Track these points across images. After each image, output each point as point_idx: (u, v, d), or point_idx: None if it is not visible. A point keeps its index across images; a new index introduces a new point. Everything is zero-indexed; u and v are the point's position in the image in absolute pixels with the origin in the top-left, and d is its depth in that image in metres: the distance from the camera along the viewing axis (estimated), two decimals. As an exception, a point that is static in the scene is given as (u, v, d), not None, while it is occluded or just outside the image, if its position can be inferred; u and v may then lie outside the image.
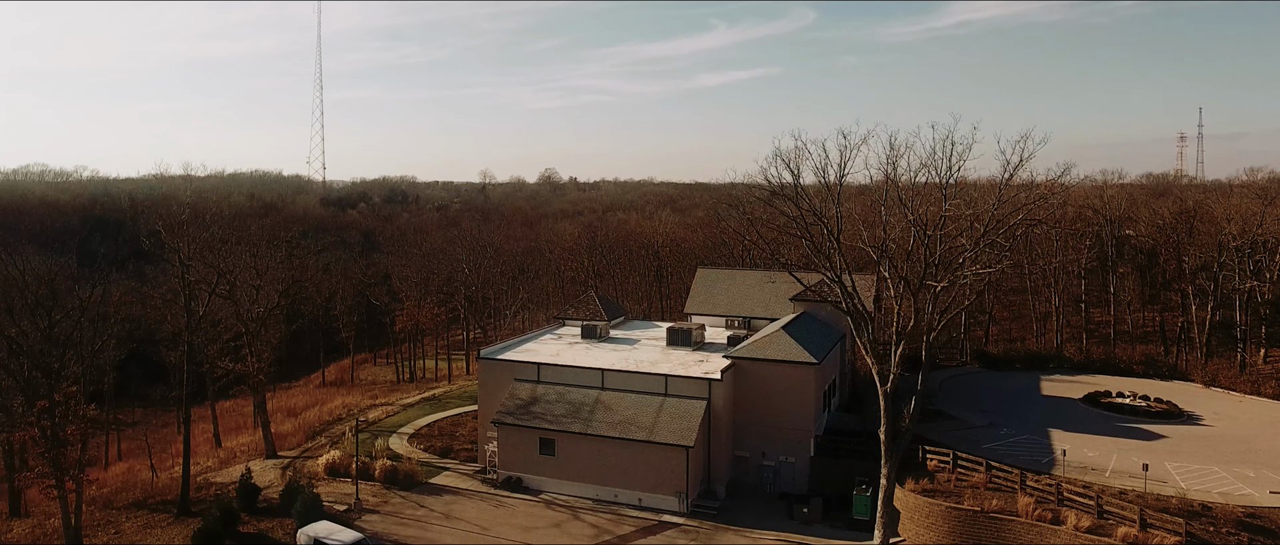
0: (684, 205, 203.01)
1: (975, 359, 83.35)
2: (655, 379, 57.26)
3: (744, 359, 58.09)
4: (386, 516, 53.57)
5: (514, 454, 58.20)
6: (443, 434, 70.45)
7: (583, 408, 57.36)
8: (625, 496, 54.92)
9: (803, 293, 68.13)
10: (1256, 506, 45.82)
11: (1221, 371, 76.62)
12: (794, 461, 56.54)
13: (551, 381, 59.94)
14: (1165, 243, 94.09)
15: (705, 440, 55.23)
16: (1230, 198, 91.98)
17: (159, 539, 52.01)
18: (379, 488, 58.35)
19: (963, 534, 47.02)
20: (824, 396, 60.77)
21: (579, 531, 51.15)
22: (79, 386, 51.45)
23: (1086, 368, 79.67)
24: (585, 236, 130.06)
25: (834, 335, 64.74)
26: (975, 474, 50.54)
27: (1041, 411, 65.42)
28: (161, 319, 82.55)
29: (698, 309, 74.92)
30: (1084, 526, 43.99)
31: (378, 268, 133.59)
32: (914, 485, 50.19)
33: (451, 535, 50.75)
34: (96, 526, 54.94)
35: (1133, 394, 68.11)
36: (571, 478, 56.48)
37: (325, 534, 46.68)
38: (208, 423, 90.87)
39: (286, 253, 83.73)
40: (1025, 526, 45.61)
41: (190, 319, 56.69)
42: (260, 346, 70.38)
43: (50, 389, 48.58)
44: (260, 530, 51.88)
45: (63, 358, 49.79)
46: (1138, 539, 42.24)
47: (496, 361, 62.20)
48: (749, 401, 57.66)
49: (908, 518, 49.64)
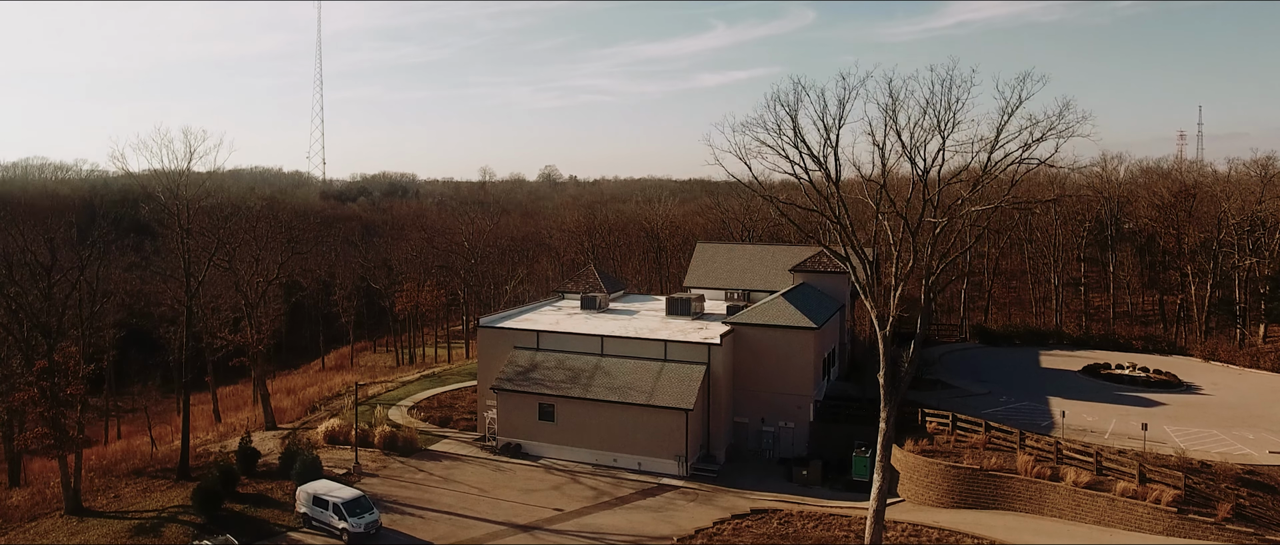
0: (685, 199, 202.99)
1: (974, 335, 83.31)
2: (655, 345, 57.25)
3: (744, 324, 58.08)
4: (386, 480, 53.55)
5: (513, 420, 58.17)
6: (442, 406, 70.46)
7: (582, 373, 57.34)
8: (625, 461, 54.90)
9: (802, 264, 68.39)
10: (1256, 465, 45.79)
11: (1221, 346, 76.60)
12: (793, 427, 56.53)
13: (551, 348, 59.93)
14: (1164, 223, 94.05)
15: (704, 404, 55.22)
16: (1230, 177, 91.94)
17: (158, 501, 51.97)
18: (378, 454, 58.32)
19: (962, 492, 47.07)
20: (823, 365, 60.76)
21: (578, 493, 51.14)
22: (78, 348, 51.36)
23: (1085, 343, 79.62)
24: (585, 218, 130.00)
25: (833, 305, 64.72)
26: (974, 435, 50.58)
27: (1040, 382, 65.40)
28: (161, 295, 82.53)
29: (697, 283, 74.89)
30: (1083, 482, 44.03)
31: (377, 252, 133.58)
32: (913, 446, 50.26)
33: (451, 497, 50.73)
34: (95, 492, 54.87)
35: (1132, 366, 68.08)
36: (571, 443, 56.46)
37: (324, 491, 46.66)
38: (208, 404, 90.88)
39: (287, 236, 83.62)
40: (1024, 483, 45.65)
41: (189, 284, 56.62)
42: (259, 319, 70.28)
43: (49, 349, 48.53)
44: (259, 491, 51.85)
45: (61, 319, 49.74)
46: (1137, 492, 42.28)
47: (496, 329, 62.18)
48: (749, 367, 57.64)
49: (907, 477, 49.69)
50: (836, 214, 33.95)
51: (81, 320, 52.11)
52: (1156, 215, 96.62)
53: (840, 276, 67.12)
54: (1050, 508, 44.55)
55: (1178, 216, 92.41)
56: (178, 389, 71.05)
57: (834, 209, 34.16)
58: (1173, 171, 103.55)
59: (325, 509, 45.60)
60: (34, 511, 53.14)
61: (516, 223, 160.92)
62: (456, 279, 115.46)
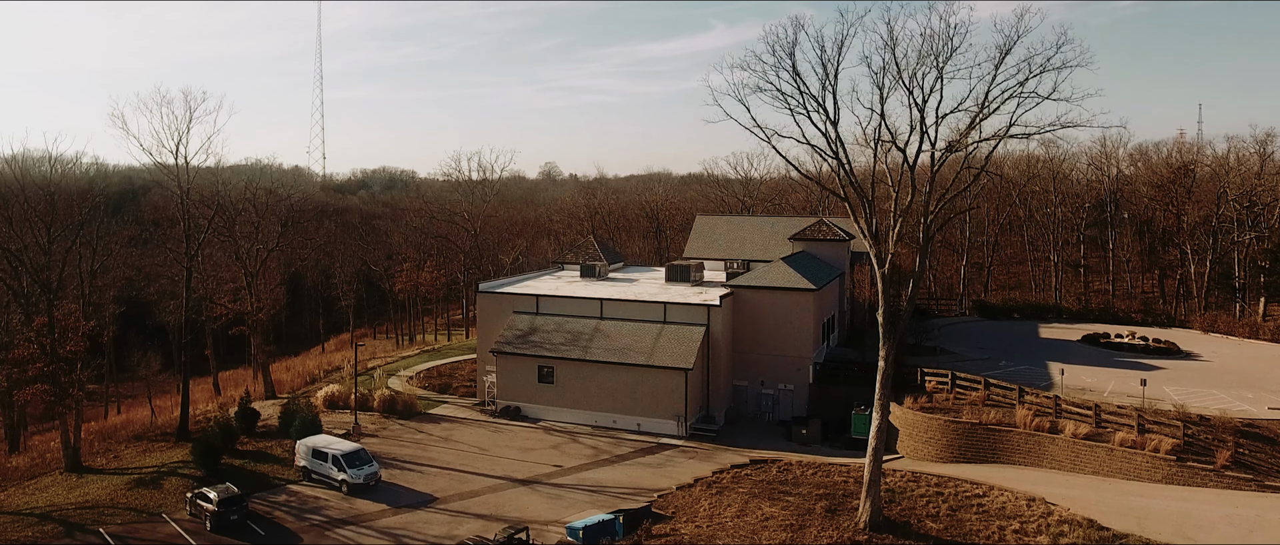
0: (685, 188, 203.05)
1: (974, 309, 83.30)
2: (654, 307, 57.28)
3: (743, 287, 58.10)
4: (385, 440, 53.58)
5: (512, 383, 58.19)
6: (441, 376, 70.45)
7: (581, 336, 57.36)
8: (624, 422, 54.91)
9: (801, 232, 68.46)
10: (1255, 418, 45.79)
11: (1220, 319, 76.57)
12: (792, 389, 56.56)
13: (550, 312, 59.96)
14: (1163, 200, 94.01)
15: (704, 365, 55.24)
16: (1229, 154, 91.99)
17: (158, 459, 52.00)
18: (377, 417, 58.34)
19: (961, 447, 47.09)
20: (823, 330, 60.78)
21: (578, 451, 51.16)
22: (78, 306, 51.38)
23: (1084, 317, 79.54)
24: (585, 200, 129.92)
25: (832, 272, 64.74)
26: (973, 392, 50.60)
27: (1040, 349, 65.42)
28: (160, 269, 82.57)
29: (697, 253, 74.92)
30: (1082, 434, 44.04)
31: (378, 240, 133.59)
32: (912, 404, 50.29)
33: (450, 454, 50.77)
34: (94, 454, 54.90)
35: (1131, 334, 68.08)
36: (570, 405, 56.48)
37: (324, 445, 46.70)
38: (208, 383, 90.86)
39: (286, 212, 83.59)
40: (1023, 436, 45.67)
41: (189, 246, 56.61)
42: (259, 289, 70.28)
43: (49, 305, 48.54)
44: (259, 449, 51.90)
45: (61, 274, 49.73)
46: (1136, 442, 42.27)
47: (495, 294, 62.20)
48: (748, 330, 57.66)
49: (906, 434, 49.71)
50: (835, 152, 33.96)
51: (81, 278, 52.01)
52: (1156, 194, 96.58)
53: (840, 244, 67.19)
54: (1049, 460, 44.56)
55: (1177, 194, 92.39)
56: (177, 362, 70.99)
57: (833, 149, 34.19)
58: (1171, 153, 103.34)
59: (324, 461, 45.64)
60: (33, 471, 53.26)
61: (517, 209, 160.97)
62: (456, 262, 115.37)
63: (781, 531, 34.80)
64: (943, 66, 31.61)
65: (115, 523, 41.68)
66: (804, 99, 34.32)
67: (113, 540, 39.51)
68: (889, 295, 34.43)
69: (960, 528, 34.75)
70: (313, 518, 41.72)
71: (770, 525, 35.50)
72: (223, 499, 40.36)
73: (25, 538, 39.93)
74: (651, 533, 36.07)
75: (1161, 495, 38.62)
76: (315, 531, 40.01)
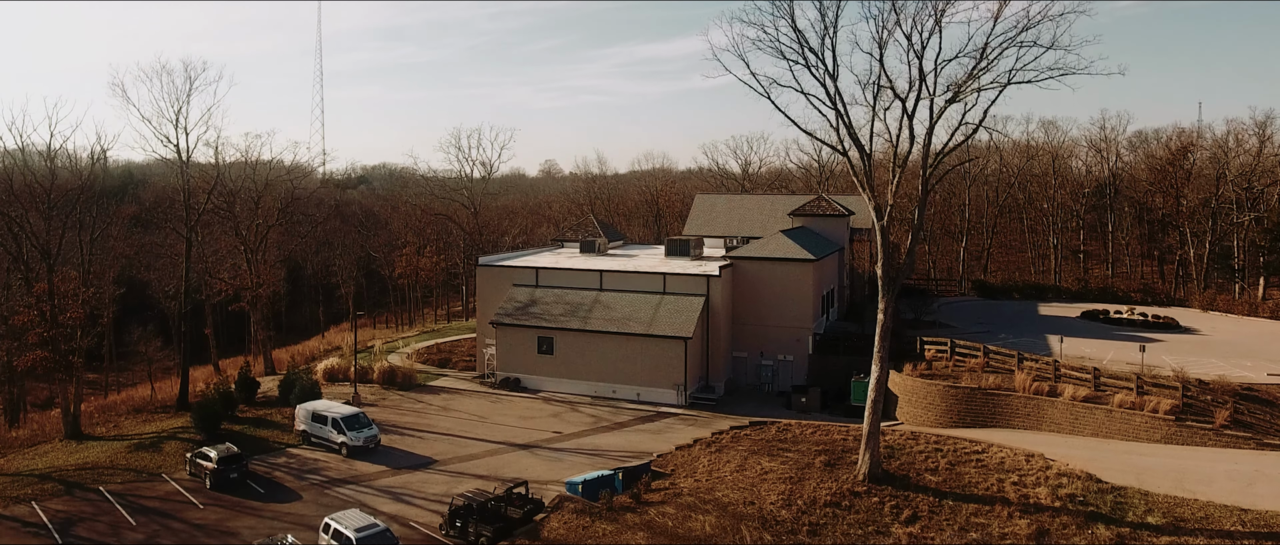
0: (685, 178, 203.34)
1: (974, 289, 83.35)
2: (654, 278, 57.33)
3: (742, 258, 58.15)
4: (385, 409, 53.63)
5: (512, 355, 58.23)
6: (441, 352, 70.52)
7: (581, 307, 57.40)
8: (624, 392, 54.95)
9: (801, 208, 68.51)
10: (1254, 383, 45.84)
11: (1219, 298, 76.59)
12: (792, 360, 56.57)
13: (550, 285, 60.00)
14: (1162, 184, 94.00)
15: (703, 335, 55.27)
16: (1229, 136, 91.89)
17: (158, 426, 52.06)
18: (377, 388, 58.43)
19: (960, 412, 47.14)
20: (822, 303, 60.81)
21: (577, 419, 51.19)
22: (79, 273, 51.42)
23: (1084, 297, 79.60)
24: (585, 186, 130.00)
25: (832, 246, 64.76)
26: (972, 359, 50.67)
27: (1039, 324, 65.45)
28: (159, 248, 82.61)
29: (696, 232, 74.93)
30: (1081, 397, 44.09)
31: (378, 223, 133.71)
32: (912, 371, 50.34)
33: (449, 422, 50.84)
34: (94, 424, 54.94)
35: (1131, 309, 68.10)
36: (570, 376, 56.51)
37: (323, 408, 46.77)
38: (209, 370, 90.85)
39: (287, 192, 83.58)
40: (1022, 400, 45.71)
41: (188, 216, 56.62)
42: (258, 266, 70.29)
43: (49, 271, 48.57)
44: (259, 416, 51.97)
45: (62, 241, 49.75)
46: (1135, 403, 42.31)
47: (495, 268, 62.24)
48: (748, 302, 57.70)
49: (905, 400, 49.75)
50: (834, 103, 34.01)
51: (81, 247, 52.07)
52: (1155, 178, 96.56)
53: (840, 220, 67.23)
54: (1048, 423, 44.60)
55: (1176, 178, 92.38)
56: (177, 337, 70.99)
57: (832, 100, 34.22)
58: (1171, 138, 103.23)
59: (324, 425, 45.70)
60: (34, 440, 53.29)
61: (517, 198, 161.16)
62: (456, 250, 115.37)
63: (780, 483, 34.85)
64: (940, 15, 31.65)
65: (115, 482, 41.75)
66: (803, 51, 34.36)
67: (112, 497, 39.56)
68: (887, 248, 34.49)
69: (959, 480, 34.79)
70: (312, 477, 41.78)
71: (769, 478, 35.55)
72: (222, 457, 40.41)
73: (25, 495, 39.99)
74: (651, 487, 36.11)
75: (1160, 454, 38.65)
76: (315, 490, 40.07)
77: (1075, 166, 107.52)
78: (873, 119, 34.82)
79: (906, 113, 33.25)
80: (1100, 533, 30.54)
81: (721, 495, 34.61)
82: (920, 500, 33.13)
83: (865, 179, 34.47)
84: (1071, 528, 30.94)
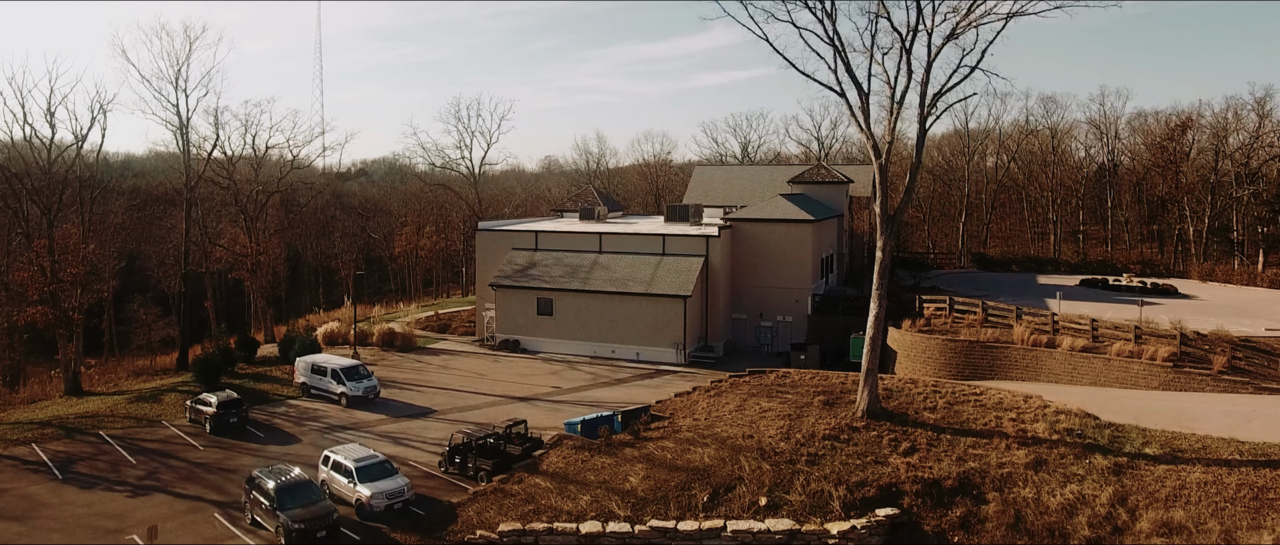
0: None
1: (972, 261, 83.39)
2: (653, 239, 57.41)
3: (741, 220, 58.22)
4: (385, 367, 53.71)
5: (511, 317, 58.30)
6: (441, 320, 70.55)
7: (580, 269, 57.48)
8: (623, 351, 55.04)
9: (800, 176, 68.54)
10: (1252, 335, 45.87)
11: (1218, 269, 76.64)
12: (791, 320, 56.66)
13: (550, 248, 60.05)
14: (1162, 160, 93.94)
15: (702, 294, 55.34)
16: (1228, 110, 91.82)
17: (158, 383, 52.14)
18: (377, 351, 58.52)
19: (959, 365, 47.21)
20: (821, 266, 60.87)
21: (576, 377, 51.28)
22: (80, 229, 51.47)
23: (1083, 269, 79.59)
24: (582, 155, 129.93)
25: (831, 211, 64.81)
26: (971, 315, 50.74)
27: (1038, 291, 65.49)
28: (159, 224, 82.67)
29: (695, 202, 74.85)
30: (1079, 347, 44.18)
31: (377, 208, 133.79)
32: (911, 326, 50.42)
33: (448, 378, 50.96)
34: (95, 383, 55.06)
35: (1129, 275, 68.13)
36: (569, 336, 56.59)
37: (322, 361, 46.86)
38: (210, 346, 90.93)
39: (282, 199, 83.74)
40: (1021, 352, 45.80)
41: (189, 178, 56.65)
42: (258, 234, 70.32)
43: (49, 226, 48.62)
44: (259, 372, 52.05)
45: (62, 197, 49.82)
46: (1133, 352, 42.40)
47: (495, 232, 62.33)
48: (747, 263, 57.79)
49: (903, 356, 49.84)
50: (831, 40, 34.04)
51: (81, 203, 52.15)
52: (1155, 155, 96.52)
53: (839, 187, 67.28)
54: (1047, 373, 44.70)
55: (1175, 153, 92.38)
56: (176, 306, 71.02)
57: (829, 37, 34.26)
58: (1170, 118, 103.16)
59: (324, 376, 45.80)
60: (34, 398, 53.38)
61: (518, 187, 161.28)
62: (456, 232, 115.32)
63: (779, 420, 34.93)
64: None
65: (115, 428, 41.87)
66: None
67: (112, 440, 39.65)
68: (886, 186, 34.56)
69: (957, 417, 34.86)
70: (312, 424, 41.90)
71: (768, 415, 35.63)
72: (222, 402, 40.51)
73: (25, 438, 40.08)
74: (650, 426, 36.19)
75: (1159, 398, 38.72)
76: (315, 434, 40.19)
77: (1073, 148, 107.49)
78: (870, 61, 34.84)
79: (905, 48, 33.29)
80: (1098, 461, 30.62)
81: (720, 430, 34.70)
82: (919, 434, 33.20)
83: (864, 119, 34.51)
84: (1069, 457, 31.01)
